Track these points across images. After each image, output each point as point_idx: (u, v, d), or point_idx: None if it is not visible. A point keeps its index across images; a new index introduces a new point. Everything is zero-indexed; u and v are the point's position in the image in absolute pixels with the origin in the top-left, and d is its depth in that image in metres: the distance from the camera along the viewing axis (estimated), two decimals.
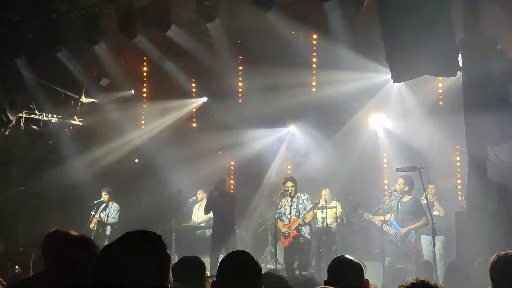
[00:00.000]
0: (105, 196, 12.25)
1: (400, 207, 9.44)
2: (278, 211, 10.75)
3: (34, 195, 12.58)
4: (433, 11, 7.32)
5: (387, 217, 9.61)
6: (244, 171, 15.00)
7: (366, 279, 3.61)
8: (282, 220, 10.58)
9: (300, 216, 10.36)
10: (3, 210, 11.95)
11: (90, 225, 12.02)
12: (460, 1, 7.76)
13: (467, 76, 7.61)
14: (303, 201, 10.53)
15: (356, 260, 3.69)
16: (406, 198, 9.47)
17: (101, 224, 12.04)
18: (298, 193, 10.59)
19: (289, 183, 10.59)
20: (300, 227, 10.36)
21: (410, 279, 3.02)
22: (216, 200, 11.27)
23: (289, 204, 10.56)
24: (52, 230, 3.94)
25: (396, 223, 9.38)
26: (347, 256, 3.81)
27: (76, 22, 10.65)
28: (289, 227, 10.40)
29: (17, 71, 12.18)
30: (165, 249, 2.15)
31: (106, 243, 9.71)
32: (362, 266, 3.69)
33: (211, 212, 11.66)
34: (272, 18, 10.48)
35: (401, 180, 9.47)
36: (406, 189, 9.46)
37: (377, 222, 9.75)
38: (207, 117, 15.20)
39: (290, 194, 10.49)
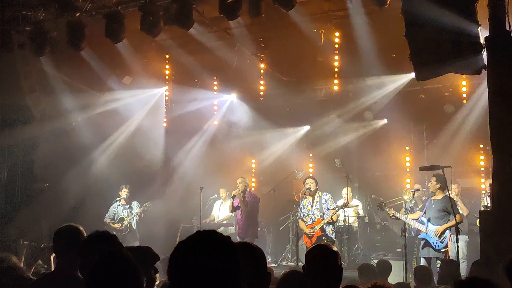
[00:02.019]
0: (125, 194, 12.33)
1: (433, 205, 9.39)
2: (301, 211, 10.70)
3: (58, 192, 12.69)
4: (457, 8, 7.24)
5: (417, 215, 9.59)
6: (265, 169, 14.98)
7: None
8: (305, 221, 10.53)
9: (325, 217, 10.31)
10: (27, 207, 12.09)
11: (107, 221, 12.17)
12: None
13: (492, 74, 7.50)
14: (325, 201, 10.48)
15: (333, 248, 3.81)
16: (439, 196, 9.41)
17: (128, 221, 12.16)
18: (320, 193, 10.54)
19: (308, 181, 10.56)
20: (324, 227, 10.32)
21: (469, 276, 3.05)
22: (239, 201, 11.32)
23: (311, 204, 10.51)
24: (62, 226, 3.97)
25: (427, 221, 9.33)
26: (324, 244, 4.02)
27: (100, 20, 10.74)
28: (313, 227, 10.35)
29: (41, 69, 12.33)
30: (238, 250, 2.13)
31: (137, 236, 9.64)
32: (338, 254, 3.79)
33: (232, 210, 11.68)
34: (294, 15, 10.46)
35: (433, 178, 9.43)
36: (437, 186, 9.40)
37: (402, 218, 9.66)
38: (229, 115, 15.21)
39: (310, 192, 10.45)
